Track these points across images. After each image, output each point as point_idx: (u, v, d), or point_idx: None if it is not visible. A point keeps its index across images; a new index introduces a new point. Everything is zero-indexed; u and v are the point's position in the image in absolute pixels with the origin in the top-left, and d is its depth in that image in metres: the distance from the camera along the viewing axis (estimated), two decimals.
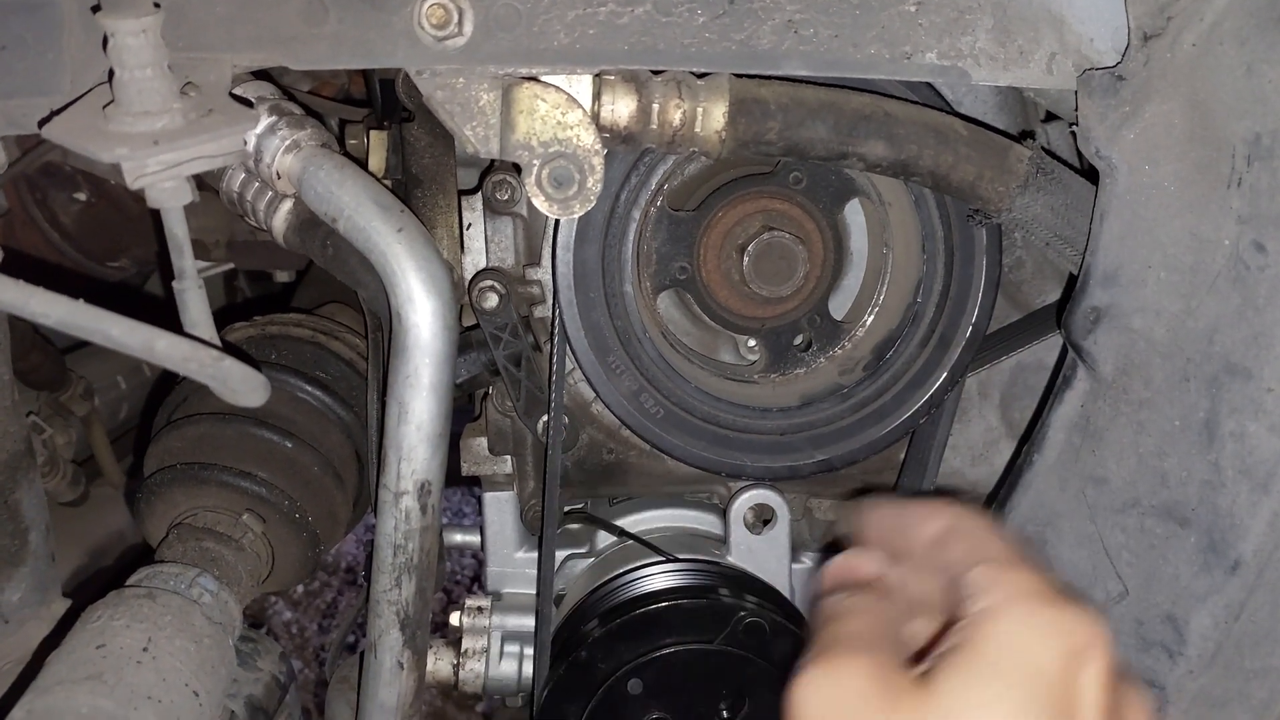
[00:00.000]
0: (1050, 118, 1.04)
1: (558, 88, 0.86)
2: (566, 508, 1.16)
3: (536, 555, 1.10)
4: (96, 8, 0.79)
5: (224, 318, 0.99)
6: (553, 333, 1.01)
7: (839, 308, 1.07)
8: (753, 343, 1.07)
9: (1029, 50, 0.86)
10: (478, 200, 1.04)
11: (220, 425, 1.13)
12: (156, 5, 0.78)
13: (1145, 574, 0.87)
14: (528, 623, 1.14)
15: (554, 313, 1.00)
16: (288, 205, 0.95)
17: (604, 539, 1.14)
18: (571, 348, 1.00)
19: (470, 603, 1.16)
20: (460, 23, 0.84)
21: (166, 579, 0.99)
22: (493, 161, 1.03)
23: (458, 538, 1.28)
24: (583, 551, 1.15)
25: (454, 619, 1.17)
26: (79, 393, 1.62)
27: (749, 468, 1.04)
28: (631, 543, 1.11)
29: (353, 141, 1.12)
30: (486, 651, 1.15)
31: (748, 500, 1.10)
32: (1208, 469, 0.82)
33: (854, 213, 1.05)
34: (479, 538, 1.21)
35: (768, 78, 0.87)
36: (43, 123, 0.82)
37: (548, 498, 1.04)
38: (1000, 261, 1.00)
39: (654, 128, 0.87)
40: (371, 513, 1.05)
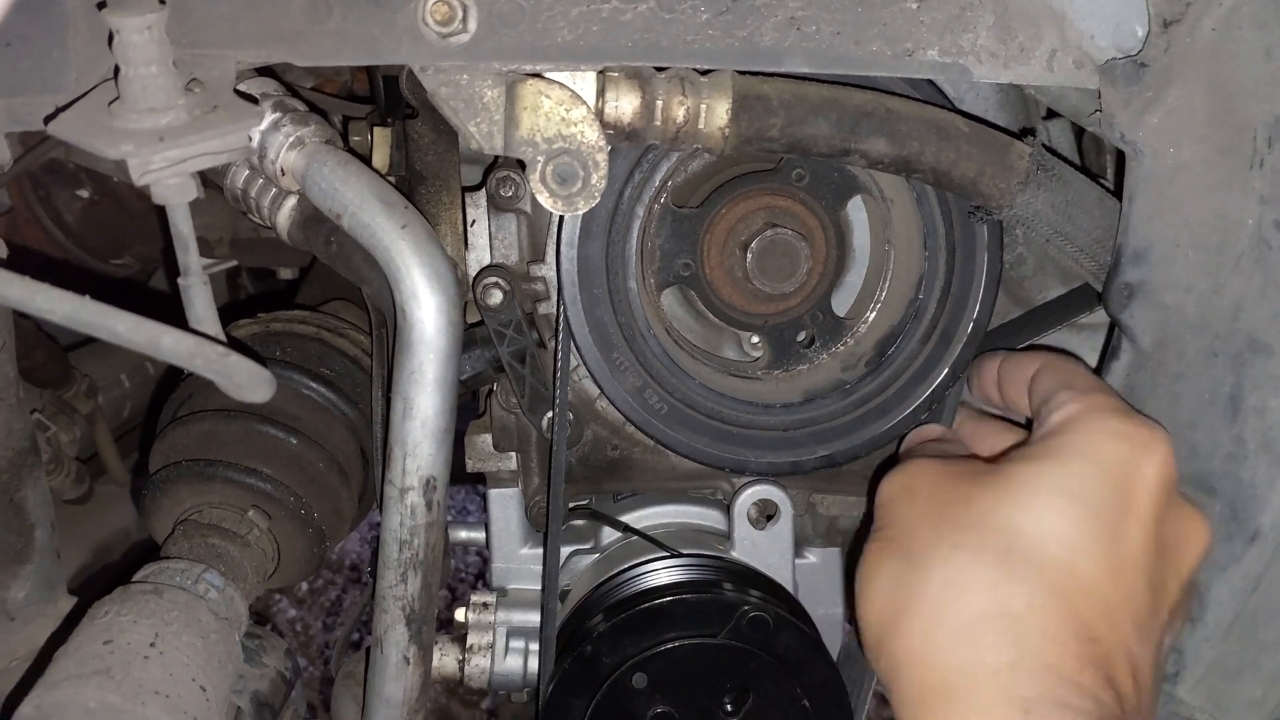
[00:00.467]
0: (1051, 114, 1.04)
1: (562, 84, 0.86)
2: (571, 504, 1.16)
3: (541, 551, 1.11)
4: (102, 5, 0.79)
5: (227, 315, 0.99)
6: (557, 329, 1.01)
7: (841, 304, 1.07)
8: (756, 339, 1.07)
9: (1030, 47, 0.86)
10: (481, 197, 1.03)
11: (225, 422, 1.14)
12: (161, 2, 0.79)
13: None
14: (533, 618, 1.14)
15: (558, 309, 1.00)
16: (292, 202, 0.95)
17: (608, 534, 1.14)
18: (576, 344, 1.00)
19: (475, 599, 1.16)
20: (464, 19, 0.84)
21: (173, 575, 0.99)
22: (496, 158, 1.03)
23: (462, 534, 1.29)
24: (587, 547, 1.15)
25: (459, 615, 1.17)
26: (82, 390, 1.62)
27: (752, 463, 1.04)
28: (635, 538, 1.12)
29: (356, 138, 1.13)
30: (492, 647, 1.15)
31: (751, 496, 1.10)
32: (1232, 441, 0.85)
33: (856, 209, 1.06)
34: (483, 534, 1.22)
35: (770, 75, 0.87)
36: (48, 119, 0.83)
37: (553, 494, 1.05)
38: (1001, 258, 1.00)
39: (658, 124, 0.87)
40: (375, 509, 1.05)
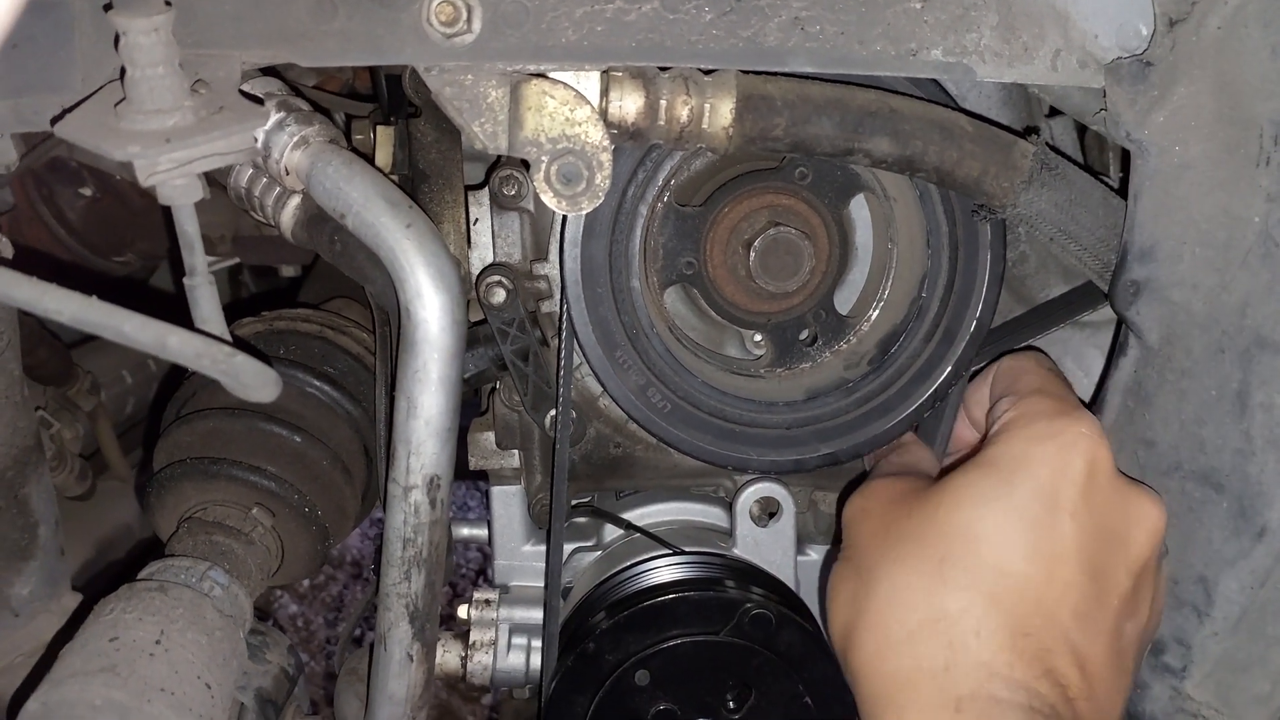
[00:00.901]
0: (1054, 113, 1.04)
1: (566, 84, 0.87)
2: (573, 501, 1.16)
3: (544, 548, 1.11)
4: (108, 6, 0.79)
5: (230, 313, 0.99)
6: (560, 327, 1.01)
7: (844, 302, 1.07)
8: (759, 337, 1.08)
9: (1033, 47, 0.86)
10: (484, 195, 1.04)
11: (229, 420, 1.14)
12: (168, 3, 0.79)
13: (1183, 535, 0.90)
14: (535, 615, 1.15)
15: (561, 308, 1.00)
16: (295, 201, 0.96)
17: (610, 532, 1.15)
18: (579, 342, 1.00)
19: (478, 596, 1.16)
20: (469, 20, 0.85)
21: (178, 572, 1.00)
22: (499, 156, 1.03)
23: (465, 531, 1.29)
24: (590, 544, 1.16)
25: (461, 612, 1.17)
26: (85, 387, 1.62)
27: (755, 461, 1.04)
28: (638, 536, 1.12)
29: (359, 137, 1.13)
30: (494, 644, 1.15)
31: (753, 493, 1.10)
32: (1240, 438, 0.85)
33: (859, 208, 1.06)
34: (485, 531, 1.22)
35: (774, 74, 0.88)
36: (55, 120, 0.83)
37: (556, 491, 1.05)
38: (1004, 256, 1.01)
39: (661, 124, 0.87)
40: (378, 507, 1.05)
